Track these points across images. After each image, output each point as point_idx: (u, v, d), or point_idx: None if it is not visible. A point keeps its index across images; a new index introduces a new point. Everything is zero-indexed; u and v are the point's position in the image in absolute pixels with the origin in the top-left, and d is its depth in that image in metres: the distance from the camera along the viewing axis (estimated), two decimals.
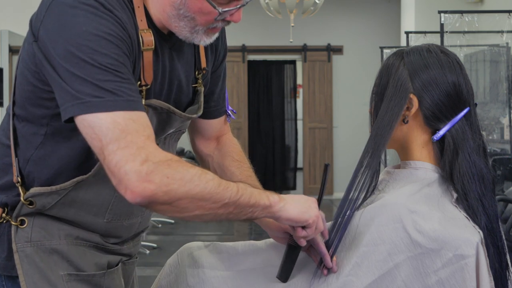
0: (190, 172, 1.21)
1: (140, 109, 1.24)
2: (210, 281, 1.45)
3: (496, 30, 5.64)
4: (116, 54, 1.24)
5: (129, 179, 1.17)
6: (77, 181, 1.37)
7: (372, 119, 1.46)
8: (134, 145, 1.18)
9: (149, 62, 1.36)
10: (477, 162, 1.39)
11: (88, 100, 1.20)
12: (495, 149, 6.14)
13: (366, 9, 10.13)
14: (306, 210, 1.34)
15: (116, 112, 1.20)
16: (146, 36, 1.35)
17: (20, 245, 1.39)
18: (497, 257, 1.36)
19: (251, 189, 1.30)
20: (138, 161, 1.17)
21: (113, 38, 1.25)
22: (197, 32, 1.37)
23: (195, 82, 1.53)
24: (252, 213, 1.30)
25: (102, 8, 1.26)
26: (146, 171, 1.17)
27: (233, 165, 1.64)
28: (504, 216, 4.19)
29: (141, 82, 1.36)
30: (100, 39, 1.23)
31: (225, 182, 1.26)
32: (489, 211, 1.37)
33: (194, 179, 1.21)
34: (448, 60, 1.41)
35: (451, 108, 1.39)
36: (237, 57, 9.99)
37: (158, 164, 1.18)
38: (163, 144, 1.50)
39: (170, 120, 1.46)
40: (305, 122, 10.18)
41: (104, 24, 1.25)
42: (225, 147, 1.68)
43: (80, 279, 1.42)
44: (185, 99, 1.51)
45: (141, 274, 1.63)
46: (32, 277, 1.38)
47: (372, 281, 1.31)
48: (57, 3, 1.27)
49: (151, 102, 1.38)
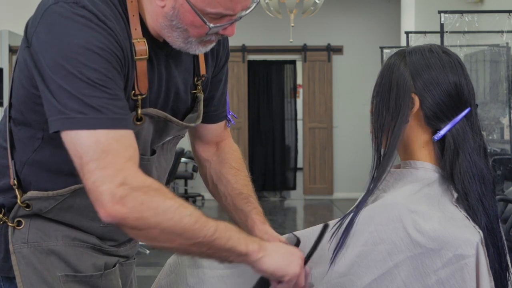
0: (167, 203, 1.21)
1: (126, 127, 1.23)
2: (209, 281, 1.45)
3: (496, 30, 5.63)
4: (105, 69, 1.23)
5: (103, 199, 1.18)
6: (75, 189, 1.37)
7: (372, 119, 1.46)
8: (113, 166, 1.18)
9: (143, 71, 1.35)
10: (478, 162, 1.39)
11: (72, 116, 1.20)
12: (495, 149, 6.14)
13: (366, 9, 10.13)
14: (285, 266, 1.32)
15: (99, 130, 1.20)
16: (139, 45, 1.33)
17: (17, 246, 1.39)
18: (497, 257, 1.36)
19: (231, 233, 1.27)
20: (114, 183, 1.18)
21: (104, 52, 1.24)
22: (190, 43, 1.35)
23: (194, 88, 1.51)
24: (227, 257, 1.28)
25: (96, 20, 1.25)
26: (120, 194, 1.17)
27: (229, 173, 1.62)
28: (504, 216, 4.19)
29: (135, 91, 1.34)
30: (90, 53, 1.22)
31: (205, 219, 1.23)
32: (489, 211, 1.37)
33: (169, 211, 1.20)
34: (449, 60, 1.41)
35: (452, 108, 1.39)
36: (237, 57, 9.99)
37: (135, 189, 1.18)
38: (161, 150, 1.49)
39: (167, 128, 1.45)
40: (305, 122, 10.18)
41: (95, 37, 1.24)
42: (224, 154, 1.65)
43: (77, 280, 1.42)
44: (183, 106, 1.50)
45: (141, 274, 1.63)
46: (29, 278, 1.38)
47: (372, 280, 1.31)
48: (51, 11, 1.26)
49: (147, 111, 1.37)
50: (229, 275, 1.45)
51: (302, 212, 9.69)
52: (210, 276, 1.46)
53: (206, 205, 9.73)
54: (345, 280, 1.33)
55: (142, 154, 1.39)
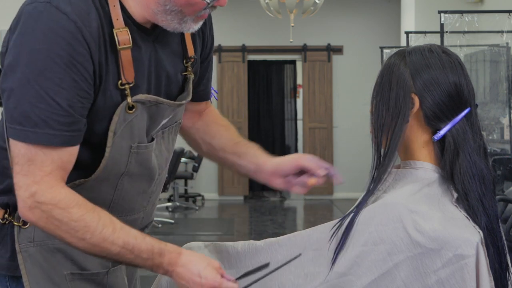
0: (70, 225, 1.29)
1: (62, 144, 1.29)
2: None
3: (496, 30, 5.64)
4: (60, 79, 1.26)
5: (19, 201, 1.31)
6: (78, 184, 1.38)
7: (372, 119, 1.46)
8: (32, 177, 1.28)
9: (128, 60, 1.35)
10: (478, 163, 1.39)
11: (13, 127, 1.29)
12: (495, 149, 6.15)
13: (366, 9, 10.13)
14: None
15: (32, 144, 1.27)
16: (122, 35, 1.33)
17: (23, 245, 1.40)
18: (497, 257, 1.36)
19: (138, 255, 1.32)
20: (27, 192, 1.29)
21: (64, 60, 1.26)
22: (186, 22, 1.37)
23: (184, 70, 1.52)
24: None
25: (64, 21, 1.26)
26: (30, 204, 1.29)
27: (220, 129, 1.68)
28: (504, 216, 4.20)
29: (122, 80, 1.35)
30: (50, 60, 1.25)
31: (111, 241, 1.30)
32: (489, 211, 1.37)
33: (71, 232, 1.30)
34: (449, 61, 1.41)
35: (452, 108, 1.39)
36: (237, 57, 9.98)
37: (41, 204, 1.28)
38: (161, 138, 1.50)
39: (161, 111, 1.45)
40: (305, 122, 10.18)
41: (59, 43, 1.25)
42: (209, 117, 1.70)
43: (83, 278, 1.43)
44: (176, 88, 1.51)
45: (141, 274, 1.63)
46: (36, 277, 1.39)
47: (372, 280, 1.31)
48: (25, 12, 1.29)
49: (137, 98, 1.38)
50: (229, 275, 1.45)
51: (302, 212, 9.69)
52: None
53: (206, 205, 9.73)
54: (345, 280, 1.33)
55: (140, 142, 1.41)
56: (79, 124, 1.31)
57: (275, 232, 7.39)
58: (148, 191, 1.50)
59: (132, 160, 1.40)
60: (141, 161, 1.43)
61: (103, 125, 1.36)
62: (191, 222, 8.44)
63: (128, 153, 1.39)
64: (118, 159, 1.38)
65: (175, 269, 1.34)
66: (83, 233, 1.29)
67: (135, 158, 1.41)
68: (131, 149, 1.39)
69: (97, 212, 1.31)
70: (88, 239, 1.29)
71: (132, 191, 1.45)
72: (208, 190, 10.12)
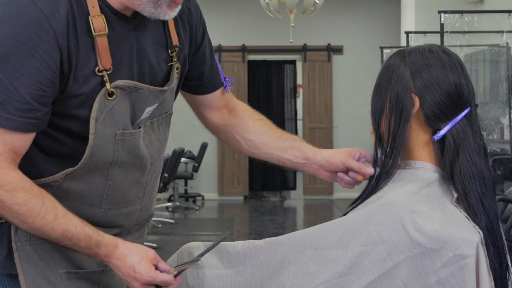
0: (13, 208, 1.31)
1: (14, 128, 1.30)
2: (209, 281, 1.45)
3: (496, 30, 5.64)
4: (21, 65, 1.27)
5: None
6: (66, 173, 1.39)
7: (372, 118, 1.46)
8: None
9: (104, 47, 1.37)
10: (478, 163, 1.39)
11: None
12: (495, 149, 6.15)
13: (366, 9, 10.13)
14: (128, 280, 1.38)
15: None
16: (97, 22, 1.35)
17: (20, 244, 1.40)
18: (497, 257, 1.36)
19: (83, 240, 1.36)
20: None
21: (27, 47, 1.27)
22: (160, 6, 1.37)
23: (170, 60, 1.53)
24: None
25: (31, 8, 1.28)
26: None
27: (257, 124, 1.71)
28: (504, 216, 4.20)
29: (99, 67, 1.36)
30: (13, 46, 1.27)
31: (49, 229, 1.33)
32: (489, 211, 1.37)
33: (13, 214, 1.32)
34: (449, 60, 1.41)
35: (452, 108, 1.40)
36: (237, 57, 9.99)
37: None
38: (150, 128, 1.50)
39: (143, 97, 1.45)
40: (305, 122, 10.19)
41: (24, 31, 1.27)
42: (241, 112, 1.73)
43: (79, 277, 1.43)
44: (161, 77, 1.51)
45: None
46: (32, 276, 1.39)
47: (372, 280, 1.31)
48: None
49: (116, 84, 1.39)
50: (229, 275, 1.45)
51: (302, 212, 9.70)
52: (210, 276, 1.46)
53: (206, 205, 9.74)
54: (345, 280, 1.33)
55: (124, 129, 1.42)
56: (38, 112, 1.32)
57: (275, 232, 7.39)
58: (141, 181, 1.50)
59: (119, 148, 1.41)
60: (129, 149, 1.43)
61: (86, 112, 1.37)
62: (191, 222, 8.44)
63: (114, 141, 1.40)
64: (104, 147, 1.39)
65: (111, 261, 1.38)
66: (25, 217, 1.32)
67: (121, 145, 1.42)
68: (116, 135, 1.40)
69: (41, 197, 1.33)
70: (29, 223, 1.32)
71: (125, 181, 1.46)
72: (208, 190, 10.13)
